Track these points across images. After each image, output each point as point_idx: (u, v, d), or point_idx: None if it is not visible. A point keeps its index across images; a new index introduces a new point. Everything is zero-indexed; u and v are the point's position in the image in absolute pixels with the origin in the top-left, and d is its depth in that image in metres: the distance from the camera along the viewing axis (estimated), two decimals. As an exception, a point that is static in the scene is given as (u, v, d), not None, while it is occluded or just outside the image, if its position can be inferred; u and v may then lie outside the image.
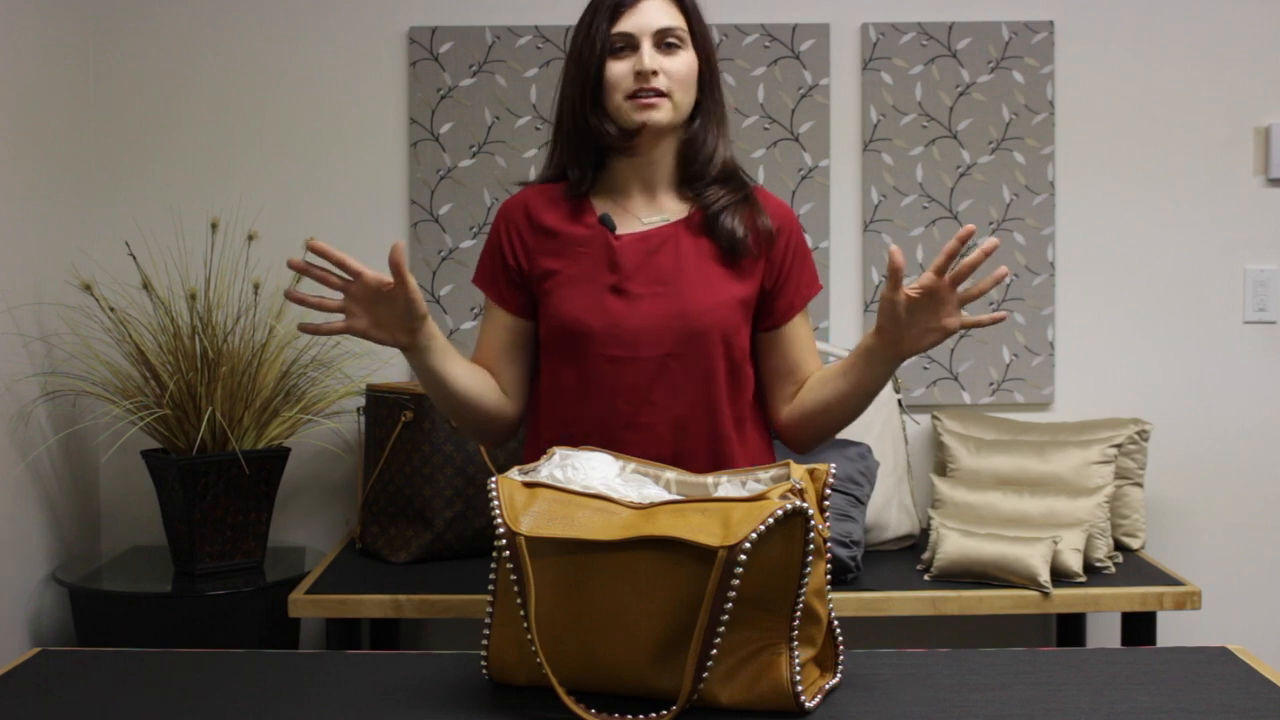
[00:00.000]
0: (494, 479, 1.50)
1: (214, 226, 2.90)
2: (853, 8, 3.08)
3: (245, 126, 3.07)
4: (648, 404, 1.80)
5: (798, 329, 1.89)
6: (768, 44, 3.07)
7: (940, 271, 1.63)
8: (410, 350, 1.72)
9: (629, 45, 1.77)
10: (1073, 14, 3.09)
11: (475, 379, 1.82)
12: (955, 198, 3.07)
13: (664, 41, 1.78)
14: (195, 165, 3.08)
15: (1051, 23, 3.07)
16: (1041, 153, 3.08)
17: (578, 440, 1.78)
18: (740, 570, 1.37)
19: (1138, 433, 2.91)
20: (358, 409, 2.99)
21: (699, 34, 1.82)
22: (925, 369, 3.09)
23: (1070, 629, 3.06)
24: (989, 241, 1.59)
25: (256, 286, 2.87)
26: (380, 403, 2.78)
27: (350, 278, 1.63)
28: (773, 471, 1.56)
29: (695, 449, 1.81)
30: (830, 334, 3.09)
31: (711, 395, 1.81)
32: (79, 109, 3.01)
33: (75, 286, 2.85)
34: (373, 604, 2.50)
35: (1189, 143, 3.10)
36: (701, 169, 1.84)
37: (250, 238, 2.92)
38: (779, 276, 1.86)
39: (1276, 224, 3.11)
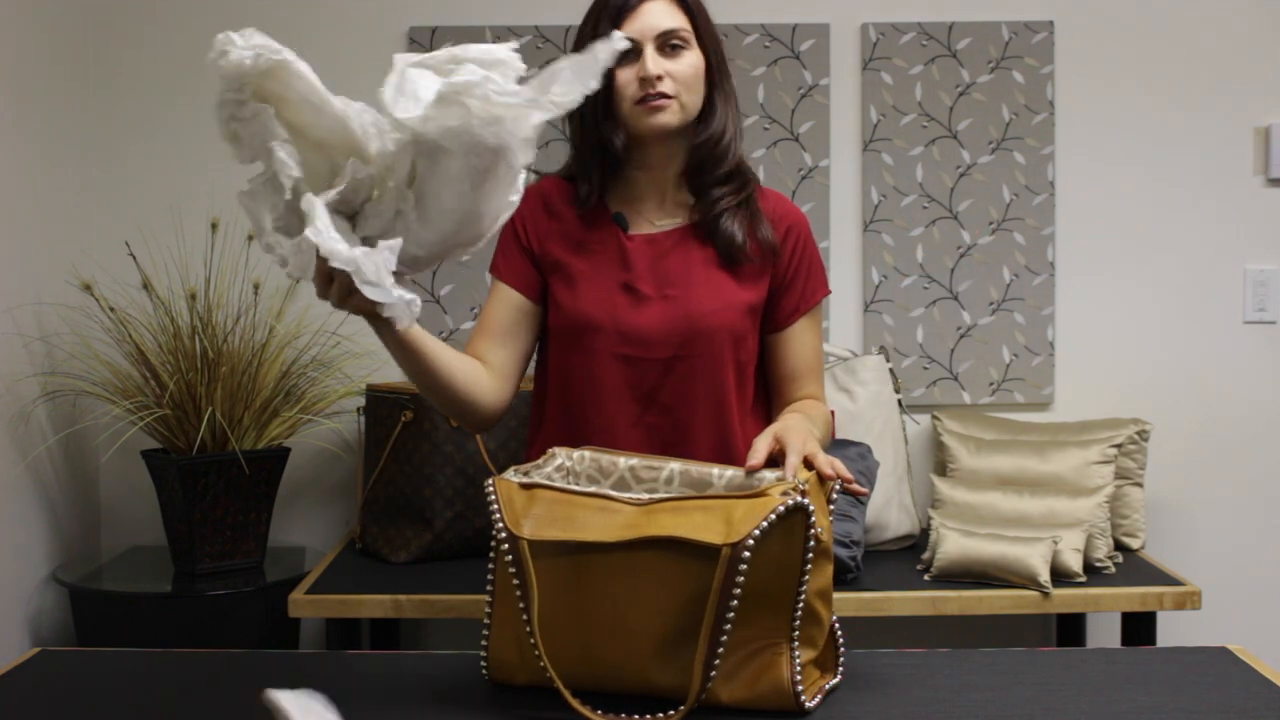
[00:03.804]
0: (491, 481, 1.51)
1: (214, 226, 2.90)
2: (853, 8, 3.08)
3: (245, 126, 3.07)
4: (655, 403, 1.80)
5: (802, 334, 1.88)
6: (768, 44, 3.07)
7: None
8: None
9: (633, 50, 1.75)
10: (1073, 14, 3.09)
11: (455, 357, 1.71)
12: (955, 198, 3.08)
13: (668, 44, 1.77)
14: (195, 165, 3.08)
15: (1051, 23, 3.07)
16: (1041, 153, 3.08)
17: (582, 437, 1.77)
18: (744, 567, 1.37)
19: (1138, 433, 2.91)
20: (358, 409, 2.99)
21: (704, 32, 1.80)
22: (925, 369, 3.09)
23: (1070, 629, 3.06)
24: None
25: (256, 286, 2.87)
26: (380, 403, 2.78)
27: None
28: (778, 472, 1.56)
29: (703, 448, 1.80)
30: (830, 334, 3.09)
31: (719, 397, 1.81)
32: (79, 109, 3.01)
33: (75, 286, 2.85)
34: (373, 604, 2.49)
35: (1189, 143, 3.10)
36: (715, 167, 1.82)
37: (250, 238, 2.92)
38: (785, 278, 1.86)
39: (1276, 224, 3.11)
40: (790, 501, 1.39)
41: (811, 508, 1.40)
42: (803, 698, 1.43)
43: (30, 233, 2.78)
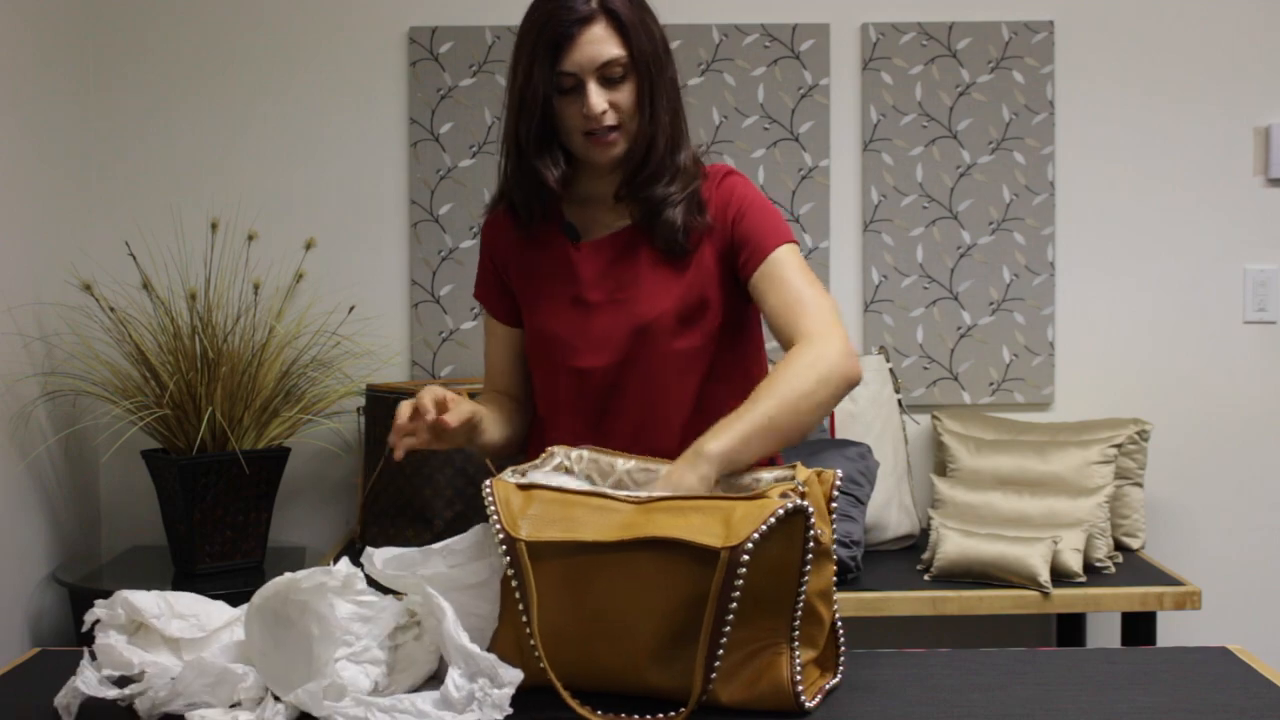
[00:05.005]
0: (488, 482, 1.51)
1: (214, 226, 2.90)
2: (853, 8, 3.08)
3: (245, 127, 3.07)
4: (609, 412, 1.79)
5: (769, 278, 1.75)
6: (768, 44, 3.07)
7: None
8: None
9: (576, 84, 1.72)
10: (1073, 14, 3.09)
11: (502, 430, 1.88)
12: (955, 198, 3.08)
13: (608, 75, 1.72)
14: (195, 166, 3.08)
15: (1051, 23, 3.07)
16: (1041, 153, 3.08)
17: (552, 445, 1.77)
18: (743, 571, 1.36)
19: (1138, 433, 2.91)
20: (358, 409, 2.99)
21: (638, 53, 1.73)
22: (925, 369, 3.09)
23: (1070, 629, 3.06)
24: None
25: (256, 286, 2.87)
26: (380, 403, 2.78)
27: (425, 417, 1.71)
28: (776, 472, 1.56)
29: (667, 452, 1.75)
30: (830, 334, 3.08)
31: (675, 397, 1.79)
32: (79, 109, 3.01)
33: (75, 286, 2.85)
34: (373, 604, 2.49)
35: (1189, 143, 3.10)
36: (648, 178, 1.78)
37: (250, 238, 2.92)
38: (730, 236, 1.79)
39: (1276, 224, 3.11)
40: (790, 504, 1.39)
41: (811, 510, 1.40)
42: (802, 698, 1.43)
43: (30, 233, 2.78)
